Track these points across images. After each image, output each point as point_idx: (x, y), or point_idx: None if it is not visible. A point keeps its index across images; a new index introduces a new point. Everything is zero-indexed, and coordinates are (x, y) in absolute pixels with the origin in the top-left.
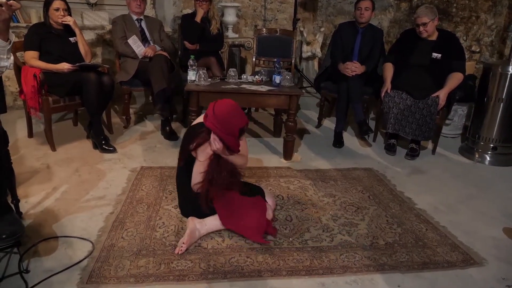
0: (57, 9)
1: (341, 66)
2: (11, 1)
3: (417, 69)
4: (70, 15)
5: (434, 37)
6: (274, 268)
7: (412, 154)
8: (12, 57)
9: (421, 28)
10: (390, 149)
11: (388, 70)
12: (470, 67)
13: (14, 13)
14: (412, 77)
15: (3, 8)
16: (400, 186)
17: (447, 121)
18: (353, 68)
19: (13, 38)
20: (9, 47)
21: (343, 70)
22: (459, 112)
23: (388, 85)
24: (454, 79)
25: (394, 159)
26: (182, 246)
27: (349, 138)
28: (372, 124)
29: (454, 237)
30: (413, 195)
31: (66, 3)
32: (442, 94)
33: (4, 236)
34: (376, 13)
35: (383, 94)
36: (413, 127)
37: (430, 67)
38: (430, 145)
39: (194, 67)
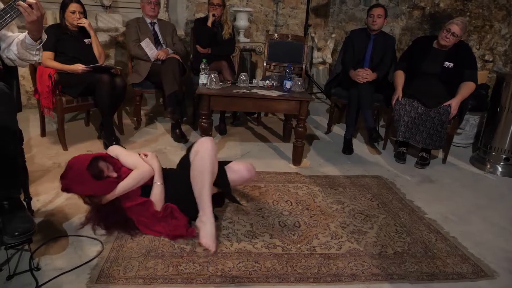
0: (73, 12)
1: (352, 72)
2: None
3: (429, 77)
4: (85, 17)
5: (447, 46)
6: (282, 274)
7: (422, 162)
8: (41, 53)
9: (449, 36)
10: (400, 157)
11: (399, 77)
12: (483, 76)
13: None
14: (423, 86)
15: (33, 9)
16: (409, 194)
17: (458, 130)
18: (364, 75)
19: (45, 37)
20: (38, 46)
21: (354, 76)
22: (471, 122)
23: (399, 92)
24: (467, 88)
25: (404, 167)
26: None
27: (359, 145)
28: (382, 131)
29: (465, 248)
30: (423, 204)
31: (82, 6)
32: (454, 103)
33: (16, 234)
34: (388, 20)
35: (394, 101)
36: (423, 136)
37: (442, 76)
38: (440, 154)
39: (205, 71)
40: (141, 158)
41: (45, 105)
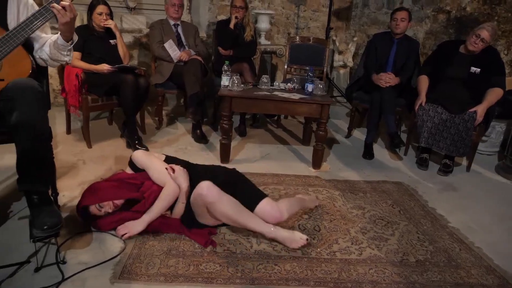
0: (100, 13)
1: (374, 76)
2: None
3: (454, 82)
4: (112, 19)
5: (474, 52)
6: (302, 278)
7: (446, 170)
8: (72, 53)
9: (478, 41)
10: (422, 164)
11: (423, 82)
12: (511, 82)
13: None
14: (448, 91)
15: (66, 11)
16: (432, 202)
17: (484, 138)
18: (387, 79)
19: (76, 38)
20: (70, 47)
21: (376, 81)
22: (497, 129)
23: (422, 98)
24: (494, 95)
25: (426, 174)
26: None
27: (380, 150)
28: (403, 137)
29: (490, 260)
30: (446, 213)
31: (109, 8)
32: (480, 110)
33: (45, 227)
34: (411, 24)
35: (417, 107)
36: (447, 142)
37: (468, 81)
38: (464, 162)
39: (228, 73)
40: (169, 174)
41: (71, 104)
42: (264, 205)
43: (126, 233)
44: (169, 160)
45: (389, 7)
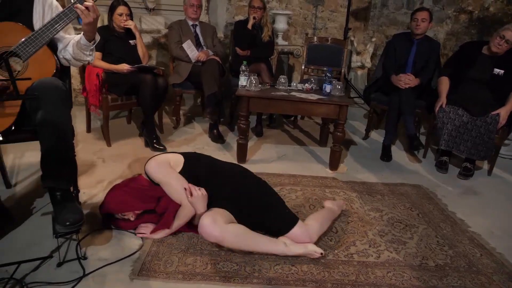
0: (121, 14)
1: (394, 78)
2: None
3: (476, 84)
4: (132, 19)
5: (498, 53)
6: (319, 279)
7: (466, 173)
8: (94, 53)
9: (502, 42)
10: (441, 167)
11: (444, 84)
12: None
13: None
14: (470, 93)
15: (89, 11)
16: (452, 206)
17: (506, 141)
18: (406, 80)
19: (98, 38)
20: (92, 47)
21: (396, 82)
22: None
23: (443, 99)
24: None
25: (446, 177)
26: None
27: (398, 152)
28: (422, 139)
29: None
30: (466, 217)
31: (129, 9)
32: (503, 112)
33: (67, 223)
34: (432, 24)
35: (437, 109)
36: (468, 145)
37: (490, 83)
38: (485, 165)
39: (246, 73)
40: (186, 196)
41: (92, 103)
42: (296, 230)
43: (144, 233)
44: (192, 160)
45: (408, 7)
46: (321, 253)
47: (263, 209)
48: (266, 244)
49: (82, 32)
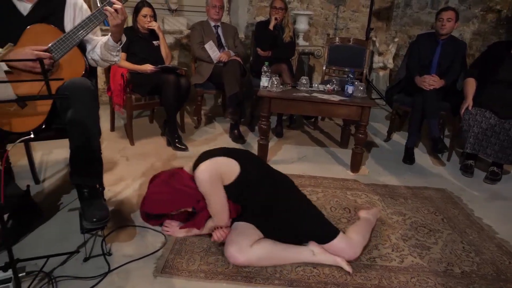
0: (145, 16)
1: (418, 79)
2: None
3: (505, 86)
4: (155, 20)
5: None
6: (341, 282)
7: (493, 178)
8: (120, 54)
9: None
10: (467, 171)
11: (470, 85)
12: None
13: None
14: (498, 95)
15: (118, 13)
16: (478, 211)
17: None
18: (431, 81)
19: (124, 39)
20: (119, 48)
21: (420, 83)
22: None
23: (469, 101)
24: None
25: (471, 181)
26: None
27: (421, 155)
28: (446, 141)
29: None
30: (494, 223)
31: (153, 10)
32: None
33: (94, 220)
34: (458, 24)
35: (463, 111)
36: (495, 149)
37: None
38: None
39: (267, 74)
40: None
41: (116, 102)
42: (337, 243)
43: (168, 231)
44: (247, 172)
45: (433, 6)
46: (349, 272)
47: (303, 219)
48: (293, 257)
49: (109, 34)
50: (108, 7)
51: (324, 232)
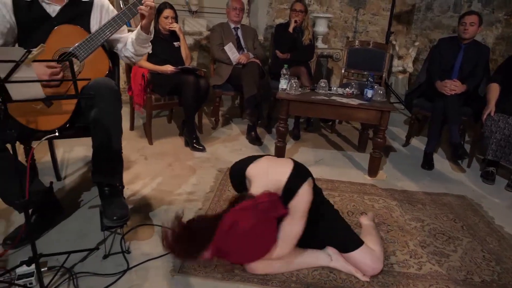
0: (167, 17)
1: (438, 83)
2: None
3: None
4: (176, 22)
5: None
6: (357, 287)
7: None
8: (150, 46)
9: None
10: (488, 177)
11: (494, 91)
12: None
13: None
14: None
15: (151, 9)
16: (499, 219)
17: None
18: (452, 86)
19: (153, 30)
20: (150, 38)
21: (441, 88)
22: None
23: (491, 107)
24: None
25: (492, 188)
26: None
27: (440, 161)
28: (467, 147)
29: None
30: None
31: (175, 11)
32: None
33: (115, 218)
34: (481, 28)
35: (485, 117)
36: None
37: None
38: None
39: (286, 76)
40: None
41: (136, 102)
42: (361, 253)
43: None
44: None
45: (455, 10)
46: (367, 280)
47: (330, 226)
48: (310, 262)
49: (138, 29)
50: (142, 7)
51: (348, 241)
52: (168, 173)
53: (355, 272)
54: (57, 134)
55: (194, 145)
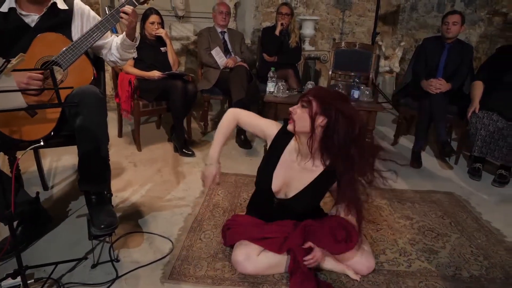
0: (153, 23)
1: (424, 82)
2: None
3: None
4: (163, 27)
5: None
6: (348, 287)
7: (501, 181)
8: (135, 52)
9: None
10: (474, 174)
11: (477, 88)
12: None
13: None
14: (506, 98)
15: (131, 16)
16: (486, 215)
17: None
18: (437, 85)
19: (138, 36)
20: (135, 45)
21: (426, 87)
22: None
23: (476, 104)
24: None
25: (479, 184)
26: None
27: (428, 159)
28: (454, 145)
29: None
30: (502, 226)
31: (161, 17)
32: None
33: (103, 226)
34: (465, 27)
35: (469, 114)
36: (503, 152)
37: None
38: None
39: (274, 79)
40: None
41: (124, 109)
42: (353, 253)
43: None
44: None
45: (439, 10)
46: (357, 280)
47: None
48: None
49: (124, 35)
50: (123, 15)
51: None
52: (157, 179)
53: (346, 269)
54: (42, 143)
55: (183, 150)
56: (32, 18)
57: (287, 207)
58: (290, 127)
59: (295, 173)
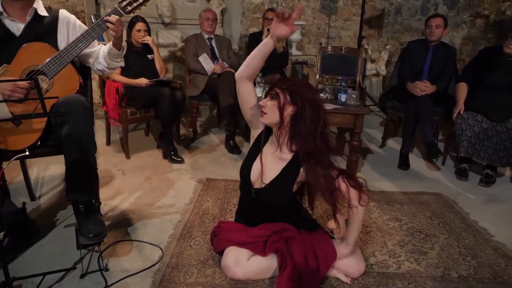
0: (139, 30)
1: (409, 85)
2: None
3: (497, 89)
4: (149, 35)
5: None
6: None
7: (487, 180)
8: (123, 61)
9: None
10: (461, 174)
11: (462, 90)
12: None
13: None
14: (489, 98)
15: (116, 26)
16: (473, 214)
17: None
18: (422, 87)
19: (125, 46)
20: (122, 54)
21: (412, 89)
22: None
23: (460, 106)
24: None
25: (466, 185)
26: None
27: (416, 160)
28: (441, 146)
29: None
30: (489, 226)
31: (147, 24)
32: None
33: (91, 235)
34: (448, 30)
35: (455, 115)
36: (489, 152)
37: (511, 88)
38: (508, 172)
39: (261, 84)
40: None
41: (112, 117)
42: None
43: None
44: None
45: (423, 13)
46: (348, 283)
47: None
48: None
49: (110, 44)
50: (109, 24)
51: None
52: (146, 187)
53: (337, 273)
54: (27, 153)
55: (173, 157)
56: (17, 26)
57: (263, 198)
58: (263, 120)
59: (270, 163)
